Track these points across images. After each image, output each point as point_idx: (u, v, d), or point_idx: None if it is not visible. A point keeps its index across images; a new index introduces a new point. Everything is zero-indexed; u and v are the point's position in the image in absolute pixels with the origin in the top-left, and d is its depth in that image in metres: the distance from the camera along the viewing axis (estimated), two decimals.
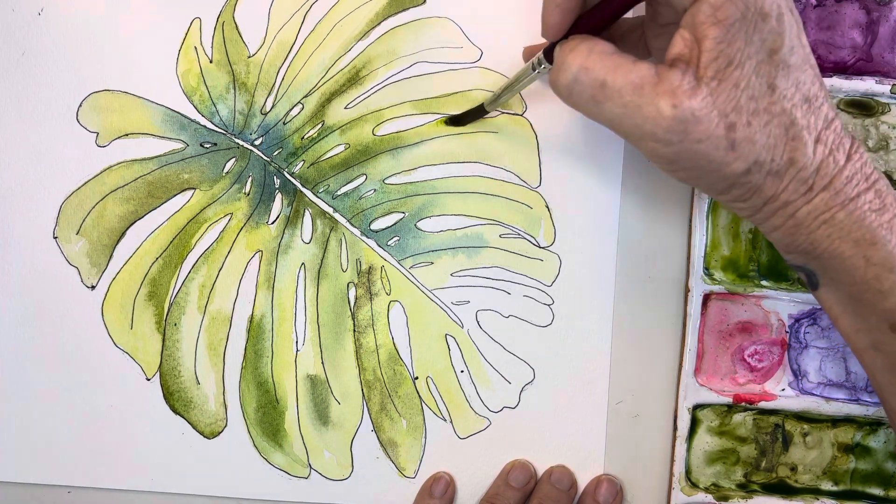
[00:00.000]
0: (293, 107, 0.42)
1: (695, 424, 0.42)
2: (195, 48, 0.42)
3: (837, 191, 0.32)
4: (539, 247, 0.42)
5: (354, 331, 0.42)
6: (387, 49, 0.42)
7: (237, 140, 0.42)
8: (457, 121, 0.41)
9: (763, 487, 0.42)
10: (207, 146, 0.42)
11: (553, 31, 0.34)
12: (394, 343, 0.42)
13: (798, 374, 0.42)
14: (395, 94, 0.42)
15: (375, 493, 0.42)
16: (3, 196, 0.42)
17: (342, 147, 0.42)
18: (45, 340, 0.42)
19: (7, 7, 0.42)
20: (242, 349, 0.42)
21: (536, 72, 0.36)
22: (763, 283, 0.42)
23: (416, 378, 0.42)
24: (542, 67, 0.35)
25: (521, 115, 0.42)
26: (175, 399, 0.42)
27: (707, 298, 0.42)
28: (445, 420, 0.42)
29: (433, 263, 0.42)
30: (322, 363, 0.42)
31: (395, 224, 0.42)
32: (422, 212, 0.42)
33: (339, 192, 0.42)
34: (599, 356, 0.42)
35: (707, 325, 0.42)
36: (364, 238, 0.42)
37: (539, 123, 0.42)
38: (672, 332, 0.42)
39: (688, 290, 0.41)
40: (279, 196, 0.42)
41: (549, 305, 0.42)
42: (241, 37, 0.42)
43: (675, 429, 0.41)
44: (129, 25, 0.42)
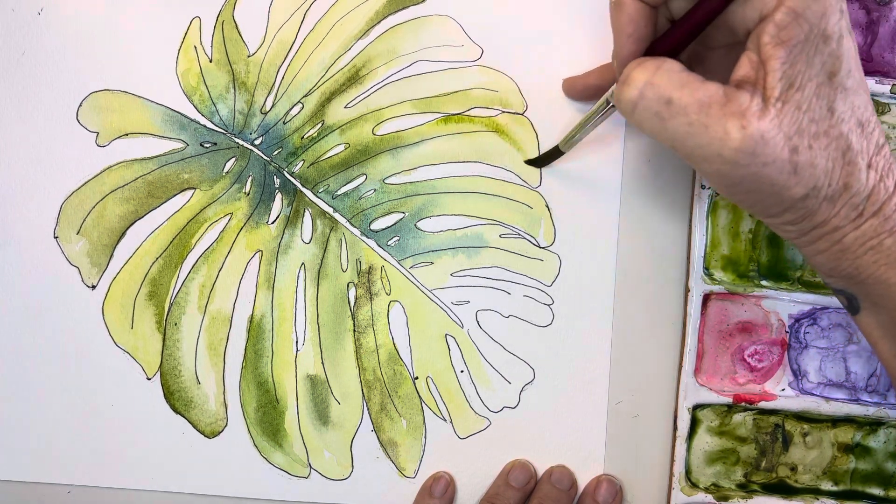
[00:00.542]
0: (293, 106, 0.42)
1: (695, 424, 0.42)
2: (195, 47, 0.42)
3: (887, 217, 0.31)
4: (539, 247, 0.42)
5: (354, 331, 0.42)
6: (387, 48, 0.42)
7: (237, 140, 0.42)
8: (535, 162, 0.41)
9: (763, 487, 0.42)
10: (207, 146, 0.42)
11: (626, 63, 0.33)
12: (394, 343, 0.42)
13: (798, 374, 0.42)
14: (396, 93, 0.42)
15: (375, 493, 0.42)
16: (4, 196, 0.42)
17: (342, 147, 0.42)
18: (46, 340, 0.42)
19: (7, 7, 0.42)
20: (242, 349, 0.42)
21: (611, 105, 0.34)
22: (763, 283, 0.42)
23: (416, 378, 0.42)
24: None
25: (522, 115, 0.42)
26: (175, 398, 0.42)
27: (707, 298, 0.42)
28: (445, 420, 0.42)
29: (433, 263, 0.42)
30: (322, 363, 0.42)
31: (395, 224, 0.42)
32: (422, 212, 0.42)
33: (339, 192, 0.42)
34: (599, 356, 0.42)
35: (707, 325, 0.42)
36: (364, 238, 0.42)
37: (539, 123, 0.42)
38: (672, 332, 0.42)
39: (688, 290, 0.41)
40: (279, 196, 0.42)
41: (549, 305, 0.42)
42: (241, 36, 0.42)
43: (675, 429, 0.41)
44: (129, 25, 0.42)
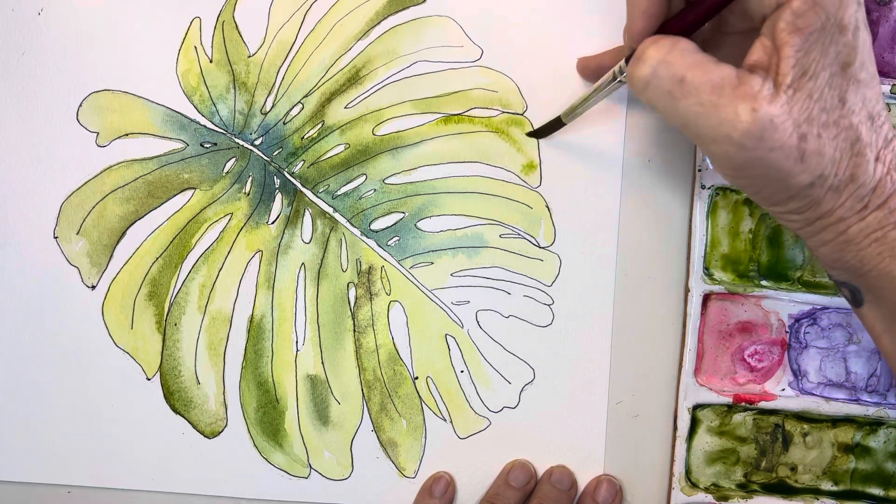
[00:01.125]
0: (293, 106, 0.42)
1: (695, 424, 0.42)
2: (195, 48, 0.42)
3: (892, 210, 0.32)
4: (539, 247, 0.42)
5: (354, 331, 0.42)
6: (387, 48, 0.42)
7: (237, 140, 0.42)
8: (536, 133, 0.41)
9: (763, 487, 0.42)
10: (207, 146, 0.42)
11: (638, 38, 0.33)
12: (394, 343, 0.42)
13: (798, 374, 0.42)
14: (396, 94, 0.42)
15: (375, 493, 0.42)
16: (4, 196, 0.42)
17: (342, 147, 0.42)
18: (45, 340, 0.42)
19: (7, 7, 0.42)
20: (242, 349, 0.42)
21: (618, 80, 0.35)
22: (763, 283, 0.42)
23: (416, 378, 0.42)
24: (624, 76, 0.34)
25: (522, 115, 0.42)
26: (175, 399, 0.42)
27: (707, 298, 0.42)
28: (445, 420, 0.42)
29: (433, 263, 0.42)
30: (322, 363, 0.42)
31: (395, 224, 0.42)
32: (422, 212, 0.42)
33: (339, 192, 0.42)
34: (599, 356, 0.42)
35: (707, 325, 0.42)
36: (364, 238, 0.42)
37: (539, 123, 0.41)
38: (672, 332, 0.42)
39: (688, 290, 0.41)
40: (279, 196, 0.42)
41: (549, 305, 0.42)
42: (241, 36, 0.42)
43: (675, 429, 0.41)
44: (129, 25, 0.42)
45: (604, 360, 0.42)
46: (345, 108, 0.42)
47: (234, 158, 0.42)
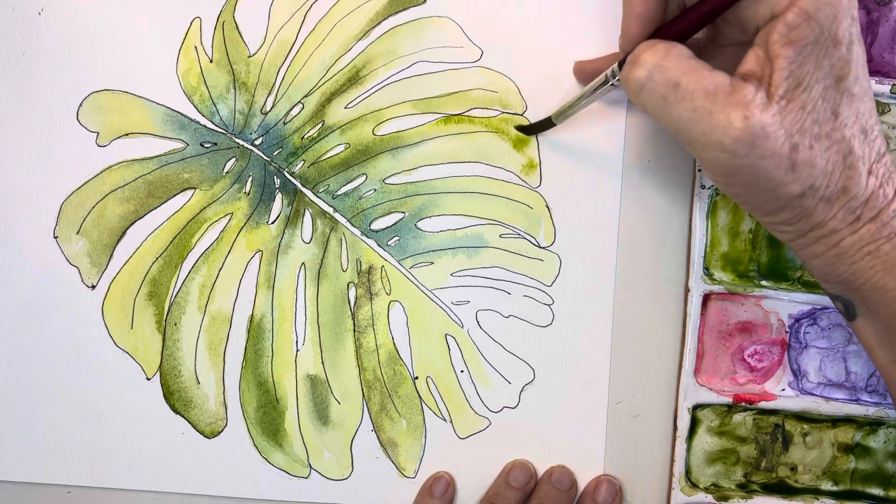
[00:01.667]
0: (293, 106, 0.42)
1: (695, 424, 0.42)
2: (195, 48, 0.42)
3: (884, 223, 0.32)
4: (539, 247, 0.42)
5: (354, 331, 0.42)
6: (387, 48, 0.42)
7: (237, 140, 0.42)
8: (525, 130, 0.41)
9: (763, 487, 0.42)
10: (207, 146, 0.42)
11: (633, 42, 0.33)
12: (394, 343, 0.42)
13: (798, 374, 0.42)
14: (396, 94, 0.42)
15: (375, 493, 0.42)
16: (4, 196, 0.42)
17: (342, 147, 0.42)
18: (45, 340, 0.42)
19: (7, 7, 0.42)
20: (242, 349, 0.42)
21: (610, 83, 0.35)
22: (763, 283, 0.42)
23: (416, 378, 0.42)
24: (616, 80, 0.34)
25: (522, 115, 0.42)
26: (175, 399, 0.42)
27: (707, 298, 0.42)
28: (445, 420, 0.42)
29: (433, 263, 0.42)
30: (322, 363, 0.42)
31: (395, 224, 0.42)
32: (422, 212, 0.42)
33: (340, 192, 0.42)
34: (599, 356, 0.42)
35: (707, 325, 0.42)
36: (364, 238, 0.42)
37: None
38: (672, 332, 0.42)
39: (688, 290, 0.41)
40: (279, 196, 0.42)
41: (549, 305, 0.42)
42: (242, 36, 0.42)
43: (675, 429, 0.41)
44: (129, 25, 0.42)
45: (604, 360, 0.42)
46: (345, 108, 0.42)
47: (234, 158, 0.42)
